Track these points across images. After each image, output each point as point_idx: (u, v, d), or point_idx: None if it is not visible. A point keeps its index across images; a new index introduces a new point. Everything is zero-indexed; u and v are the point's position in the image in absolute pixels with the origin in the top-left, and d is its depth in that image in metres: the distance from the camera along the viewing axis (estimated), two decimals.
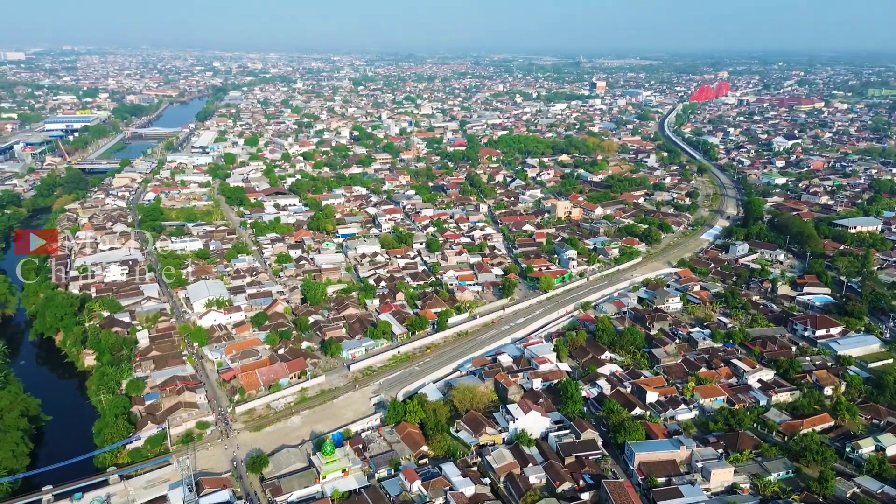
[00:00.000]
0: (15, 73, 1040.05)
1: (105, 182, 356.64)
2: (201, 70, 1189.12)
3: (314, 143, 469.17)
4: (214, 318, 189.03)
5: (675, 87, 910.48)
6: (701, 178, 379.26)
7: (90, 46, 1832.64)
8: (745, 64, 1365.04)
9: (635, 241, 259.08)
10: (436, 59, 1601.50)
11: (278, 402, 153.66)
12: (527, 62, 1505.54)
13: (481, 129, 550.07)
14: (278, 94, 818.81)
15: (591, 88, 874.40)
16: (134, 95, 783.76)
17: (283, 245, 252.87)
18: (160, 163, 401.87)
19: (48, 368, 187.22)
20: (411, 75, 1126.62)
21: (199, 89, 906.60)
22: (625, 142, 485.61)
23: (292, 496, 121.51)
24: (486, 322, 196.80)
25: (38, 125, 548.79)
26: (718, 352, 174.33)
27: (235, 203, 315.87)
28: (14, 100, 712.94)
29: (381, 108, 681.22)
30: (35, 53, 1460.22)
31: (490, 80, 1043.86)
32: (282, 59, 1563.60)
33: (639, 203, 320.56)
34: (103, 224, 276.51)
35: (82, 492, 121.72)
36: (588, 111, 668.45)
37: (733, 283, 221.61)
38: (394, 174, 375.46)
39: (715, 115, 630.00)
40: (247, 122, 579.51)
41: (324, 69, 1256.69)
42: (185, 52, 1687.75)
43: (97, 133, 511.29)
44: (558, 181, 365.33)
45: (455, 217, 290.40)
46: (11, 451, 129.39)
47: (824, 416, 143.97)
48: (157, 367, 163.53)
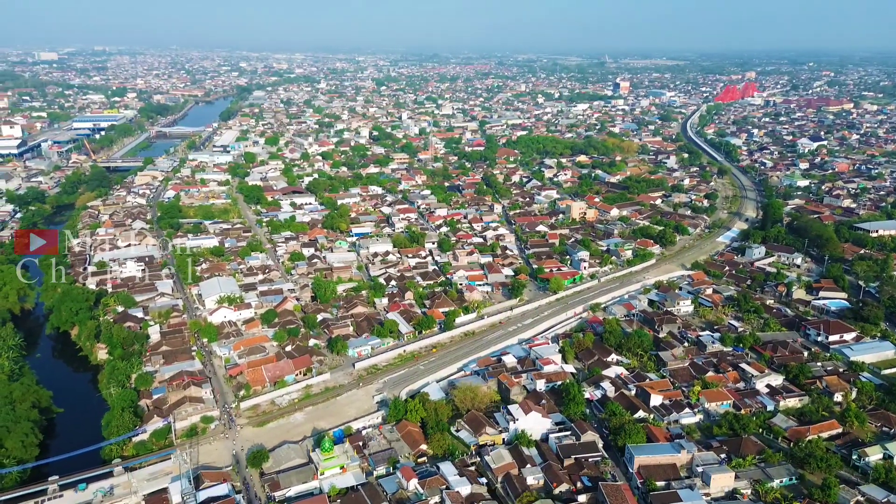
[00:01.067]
0: (47, 72, 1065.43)
1: (127, 180, 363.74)
2: (228, 70, 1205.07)
3: (333, 143, 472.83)
4: (225, 314, 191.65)
5: (701, 88, 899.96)
6: (721, 179, 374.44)
7: (121, 47, 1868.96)
8: (775, 64, 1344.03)
9: (649, 242, 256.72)
10: (460, 59, 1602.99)
11: (282, 398, 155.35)
12: (551, 62, 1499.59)
13: (501, 129, 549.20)
14: (302, 94, 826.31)
15: (615, 89, 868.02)
16: (161, 95, 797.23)
17: (297, 243, 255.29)
18: (182, 161, 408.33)
19: (63, 361, 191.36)
20: (434, 75, 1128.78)
21: (224, 89, 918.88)
22: (645, 143, 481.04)
23: (290, 491, 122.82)
24: (494, 322, 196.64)
25: (67, 124, 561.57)
26: (727, 356, 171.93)
27: (253, 201, 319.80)
28: (45, 99, 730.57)
29: (402, 108, 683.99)
30: (68, 53, 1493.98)
31: (513, 80, 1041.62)
32: (307, 59, 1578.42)
33: (656, 205, 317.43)
34: (123, 221, 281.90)
35: (86, 482, 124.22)
36: (610, 112, 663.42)
37: (747, 287, 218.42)
38: (410, 174, 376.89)
39: (740, 116, 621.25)
40: (269, 121, 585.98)
41: (348, 69, 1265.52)
42: (213, 53, 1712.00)
43: (123, 132, 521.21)
44: (575, 182, 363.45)
45: (469, 217, 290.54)
46: (21, 442, 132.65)
47: (832, 422, 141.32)
48: (167, 362, 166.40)
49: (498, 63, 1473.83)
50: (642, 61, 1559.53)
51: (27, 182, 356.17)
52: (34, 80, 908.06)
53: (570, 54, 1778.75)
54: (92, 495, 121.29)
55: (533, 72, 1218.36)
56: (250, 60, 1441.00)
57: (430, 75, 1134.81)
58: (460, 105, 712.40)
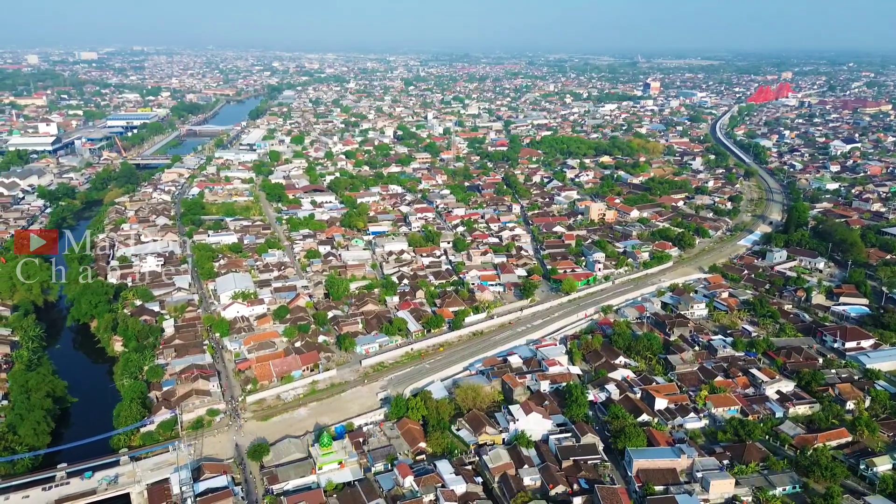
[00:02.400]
0: (86, 72, 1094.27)
1: (155, 177, 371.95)
2: (260, 70, 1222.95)
3: (357, 142, 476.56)
4: (237, 309, 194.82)
5: (734, 88, 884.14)
6: (747, 181, 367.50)
7: (159, 47, 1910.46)
8: (813, 64, 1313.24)
9: (668, 245, 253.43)
10: (490, 59, 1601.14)
11: (288, 393, 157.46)
12: (582, 62, 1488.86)
13: (526, 129, 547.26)
14: (331, 93, 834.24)
15: (645, 89, 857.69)
16: (193, 94, 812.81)
17: (314, 241, 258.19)
18: (208, 159, 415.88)
19: (83, 353, 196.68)
20: (463, 75, 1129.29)
21: (255, 88, 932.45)
22: (671, 143, 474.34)
23: (288, 485, 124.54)
24: (503, 322, 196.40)
25: (101, 122, 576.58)
26: (738, 360, 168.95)
27: (275, 199, 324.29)
28: (82, 97, 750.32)
29: (429, 107, 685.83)
30: (107, 53, 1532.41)
31: (542, 80, 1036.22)
32: (339, 59, 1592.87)
33: (677, 206, 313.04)
34: (147, 217, 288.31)
35: (92, 470, 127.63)
36: (638, 112, 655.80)
37: (765, 291, 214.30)
38: (431, 173, 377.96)
39: (772, 118, 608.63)
40: (296, 120, 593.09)
41: (378, 69, 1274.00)
42: (247, 53, 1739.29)
43: (154, 130, 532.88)
44: (597, 183, 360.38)
45: (486, 217, 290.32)
46: (33, 429, 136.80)
47: (841, 430, 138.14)
48: (178, 355, 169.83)
49: (528, 63, 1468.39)
50: (675, 61, 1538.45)
51: (59, 178, 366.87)
52: (73, 79, 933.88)
53: (602, 54, 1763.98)
54: (97, 483, 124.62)
55: (563, 72, 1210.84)
56: (283, 60, 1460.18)
57: (460, 75, 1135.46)
58: (487, 105, 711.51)
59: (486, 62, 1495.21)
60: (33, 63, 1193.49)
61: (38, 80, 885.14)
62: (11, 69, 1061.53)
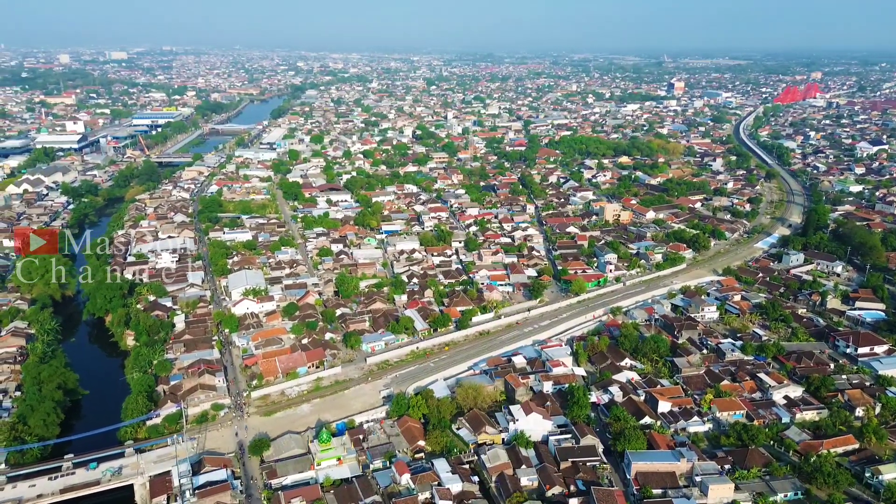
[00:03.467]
0: (116, 71, 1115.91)
1: (175, 175, 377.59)
2: (285, 70, 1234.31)
3: (376, 142, 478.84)
4: (247, 306, 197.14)
5: (761, 89, 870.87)
6: (768, 183, 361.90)
7: (188, 47, 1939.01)
8: (844, 64, 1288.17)
9: (682, 246, 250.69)
10: (514, 59, 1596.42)
11: (293, 389, 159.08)
12: (607, 62, 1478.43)
13: (545, 129, 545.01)
14: (353, 93, 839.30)
15: (669, 89, 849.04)
16: (218, 93, 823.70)
17: (327, 239, 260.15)
18: (228, 157, 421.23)
19: (98, 346, 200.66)
20: (486, 75, 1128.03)
21: (279, 88, 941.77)
22: (692, 144, 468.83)
23: (286, 480, 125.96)
24: (511, 323, 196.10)
25: (127, 120, 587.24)
26: (746, 364, 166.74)
27: (291, 197, 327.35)
28: (110, 96, 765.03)
29: (449, 107, 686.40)
30: (137, 53, 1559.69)
31: (565, 79, 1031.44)
32: (363, 58, 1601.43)
33: (694, 208, 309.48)
34: (166, 214, 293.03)
35: (98, 462, 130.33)
36: (660, 112, 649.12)
37: (779, 295, 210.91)
38: (448, 173, 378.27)
39: (798, 118, 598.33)
40: (317, 119, 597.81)
41: (401, 69, 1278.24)
42: (273, 53, 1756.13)
43: (177, 129, 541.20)
44: (614, 183, 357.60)
45: (499, 217, 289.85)
46: (43, 420, 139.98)
47: (848, 437, 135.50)
48: (187, 350, 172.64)
49: (552, 63, 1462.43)
50: (702, 61, 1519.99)
51: (83, 175, 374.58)
52: (102, 79, 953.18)
53: (627, 54, 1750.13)
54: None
55: (587, 71, 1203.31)
56: (308, 60, 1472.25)
57: (482, 75, 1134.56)
58: (507, 104, 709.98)
59: (509, 62, 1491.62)
60: (65, 62, 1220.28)
61: (69, 79, 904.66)
62: (44, 68, 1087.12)
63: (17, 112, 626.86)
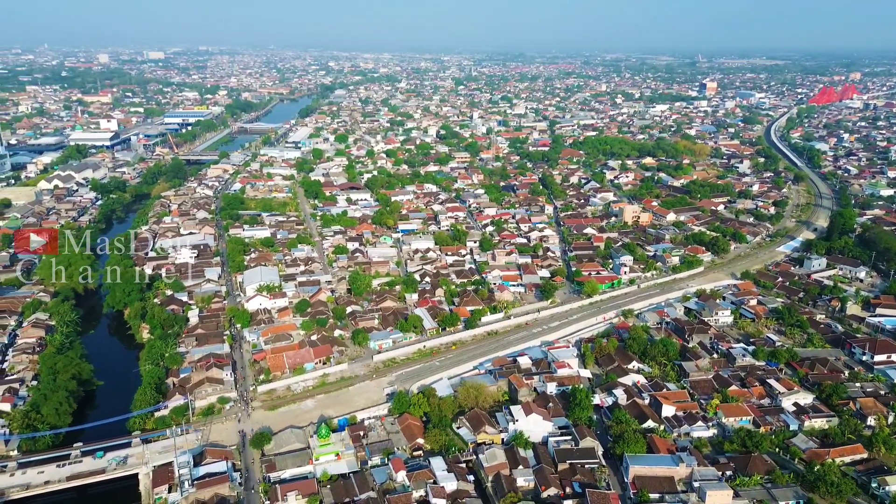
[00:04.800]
0: (152, 70, 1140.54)
1: (201, 172, 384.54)
2: (316, 69, 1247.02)
3: (400, 141, 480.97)
4: (260, 302, 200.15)
5: (797, 89, 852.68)
6: (796, 186, 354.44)
7: (223, 47, 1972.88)
8: (885, 65, 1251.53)
9: (700, 249, 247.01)
10: (545, 58, 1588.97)
11: (298, 384, 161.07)
12: (639, 62, 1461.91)
13: (571, 129, 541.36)
14: (381, 93, 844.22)
15: (701, 90, 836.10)
16: (249, 93, 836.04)
17: (343, 237, 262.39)
18: (253, 156, 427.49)
19: (117, 339, 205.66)
20: (515, 75, 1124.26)
21: (309, 87, 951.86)
22: (720, 146, 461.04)
23: (285, 473, 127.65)
24: (520, 323, 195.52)
25: (159, 119, 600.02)
26: (757, 370, 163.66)
27: (312, 196, 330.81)
28: (145, 95, 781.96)
29: (476, 107, 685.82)
30: (174, 53, 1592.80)
31: (595, 80, 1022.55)
32: (394, 58, 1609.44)
33: (717, 210, 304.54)
34: (189, 211, 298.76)
35: (104, 451, 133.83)
36: (690, 113, 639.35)
37: (798, 300, 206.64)
38: (468, 173, 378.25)
39: (832, 120, 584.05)
40: (344, 119, 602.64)
41: (431, 69, 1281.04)
42: (306, 53, 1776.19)
43: (206, 127, 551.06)
44: (636, 184, 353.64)
45: (517, 217, 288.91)
46: (55, 409, 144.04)
47: (857, 446, 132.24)
48: (199, 344, 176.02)
49: (584, 62, 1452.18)
50: (738, 61, 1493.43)
51: (112, 172, 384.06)
52: (139, 78, 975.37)
53: (661, 54, 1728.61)
54: (107, 463, 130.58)
55: (618, 71, 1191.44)
56: (339, 60, 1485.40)
57: (512, 74, 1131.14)
58: (535, 105, 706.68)
59: (540, 62, 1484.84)
60: (104, 62, 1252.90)
61: (107, 78, 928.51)
62: (83, 67, 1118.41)
63: (54, 110, 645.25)
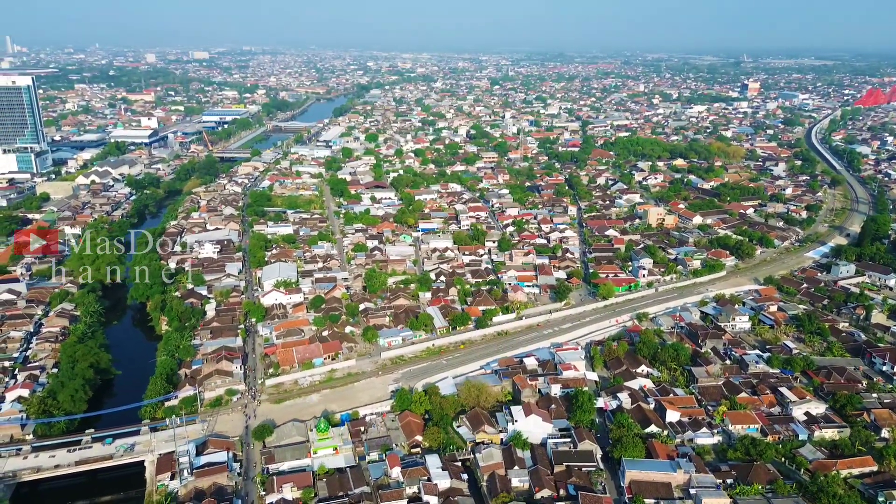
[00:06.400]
0: (196, 70, 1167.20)
1: (232, 169, 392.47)
2: (354, 69, 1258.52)
3: (429, 141, 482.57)
4: (276, 297, 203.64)
5: (843, 91, 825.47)
6: (832, 190, 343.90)
7: (266, 47, 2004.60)
8: None
9: (724, 253, 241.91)
10: (585, 58, 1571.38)
11: (305, 379, 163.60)
12: (682, 62, 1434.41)
13: (603, 129, 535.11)
14: (416, 92, 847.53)
15: (743, 90, 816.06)
16: (286, 92, 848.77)
17: (363, 235, 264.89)
18: (284, 154, 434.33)
19: (140, 330, 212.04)
20: (552, 75, 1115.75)
21: (345, 87, 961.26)
22: (755, 147, 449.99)
23: (284, 465, 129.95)
24: (531, 324, 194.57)
25: (197, 117, 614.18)
26: (770, 377, 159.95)
27: (338, 194, 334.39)
28: (186, 94, 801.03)
29: (509, 107, 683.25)
30: (218, 53, 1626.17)
31: (634, 80, 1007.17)
32: (432, 58, 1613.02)
33: (745, 214, 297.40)
34: (216, 207, 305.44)
35: (114, 438, 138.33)
36: (728, 114, 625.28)
37: (822, 307, 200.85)
38: (494, 173, 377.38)
39: (878, 122, 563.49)
40: (376, 118, 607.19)
41: (468, 69, 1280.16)
42: (346, 53, 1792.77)
43: (242, 125, 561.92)
44: (665, 186, 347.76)
45: (538, 218, 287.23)
46: (71, 396, 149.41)
47: (866, 458, 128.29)
48: (213, 337, 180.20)
49: (624, 62, 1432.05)
50: (785, 61, 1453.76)
51: (148, 168, 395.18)
52: (182, 77, 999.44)
53: (705, 53, 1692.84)
54: (115, 449, 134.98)
55: (658, 71, 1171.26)
56: (378, 60, 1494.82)
57: (549, 74, 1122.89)
58: (569, 105, 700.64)
59: (580, 61, 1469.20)
60: (151, 62, 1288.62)
61: (151, 77, 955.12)
62: (131, 66, 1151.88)
63: (99, 108, 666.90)
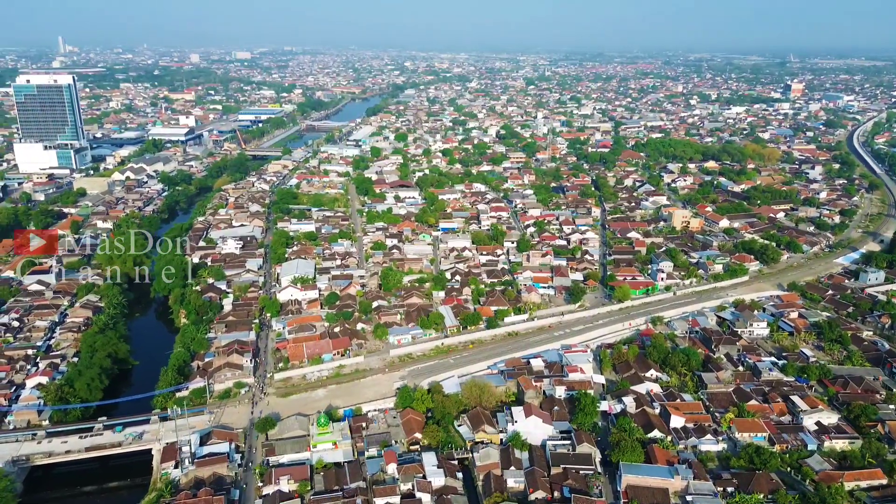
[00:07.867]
0: (237, 70, 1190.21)
1: (262, 167, 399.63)
2: (392, 69, 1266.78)
3: (458, 140, 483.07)
4: (291, 293, 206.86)
5: (892, 92, 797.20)
6: (870, 194, 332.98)
7: (307, 47, 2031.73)
8: None
9: (748, 258, 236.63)
10: (625, 58, 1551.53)
11: (314, 374, 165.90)
12: (724, 62, 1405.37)
13: (636, 130, 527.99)
14: (451, 92, 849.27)
15: (785, 91, 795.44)
16: (321, 91, 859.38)
17: (383, 234, 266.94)
18: (314, 153, 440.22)
19: (162, 323, 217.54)
20: (590, 75, 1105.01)
21: (381, 87, 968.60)
22: (792, 150, 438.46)
23: (283, 458, 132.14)
24: (543, 325, 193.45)
25: (234, 116, 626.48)
26: (784, 385, 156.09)
27: (363, 192, 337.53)
28: (225, 93, 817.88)
29: (542, 107, 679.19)
30: (259, 53, 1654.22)
31: (673, 80, 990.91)
32: (469, 58, 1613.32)
33: (775, 218, 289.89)
34: (244, 204, 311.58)
35: (124, 426, 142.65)
36: (767, 115, 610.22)
37: (846, 315, 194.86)
38: (521, 173, 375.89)
39: None
40: (408, 118, 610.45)
41: (505, 68, 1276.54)
42: (384, 53, 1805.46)
43: (276, 124, 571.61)
44: (694, 188, 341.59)
45: (560, 219, 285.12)
46: (87, 385, 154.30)
47: (875, 471, 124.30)
48: (228, 331, 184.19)
49: (664, 62, 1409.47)
50: (833, 61, 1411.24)
51: (181, 165, 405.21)
52: (223, 77, 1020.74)
53: (749, 53, 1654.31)
54: (124, 437, 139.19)
55: (699, 72, 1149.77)
56: (415, 60, 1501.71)
57: (587, 75, 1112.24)
58: (604, 105, 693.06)
59: (619, 61, 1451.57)
60: (195, 62, 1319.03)
61: (194, 76, 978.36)
62: (175, 66, 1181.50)
63: (142, 106, 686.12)
